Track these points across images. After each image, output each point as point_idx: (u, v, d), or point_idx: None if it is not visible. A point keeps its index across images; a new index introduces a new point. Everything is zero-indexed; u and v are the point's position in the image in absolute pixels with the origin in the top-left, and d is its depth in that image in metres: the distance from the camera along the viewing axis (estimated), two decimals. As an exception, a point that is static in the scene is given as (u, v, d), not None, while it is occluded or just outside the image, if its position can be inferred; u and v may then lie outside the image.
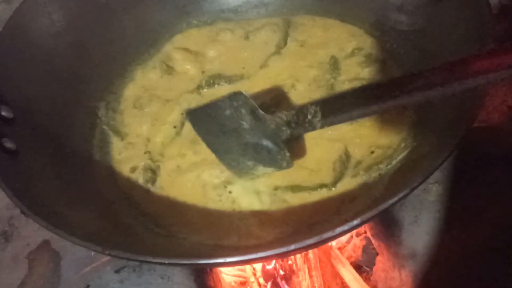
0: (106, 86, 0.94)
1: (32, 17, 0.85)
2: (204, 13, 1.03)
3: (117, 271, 0.76)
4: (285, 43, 0.95)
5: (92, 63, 0.92)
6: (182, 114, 0.87)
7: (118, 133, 0.88)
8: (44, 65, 0.85)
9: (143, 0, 0.99)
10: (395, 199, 0.53)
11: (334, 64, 0.89)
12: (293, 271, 0.87)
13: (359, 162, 0.75)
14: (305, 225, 0.70)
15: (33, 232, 0.98)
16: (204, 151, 0.79)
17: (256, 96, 0.85)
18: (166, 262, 0.52)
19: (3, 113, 0.72)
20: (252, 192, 0.75)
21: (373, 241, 0.88)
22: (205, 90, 0.91)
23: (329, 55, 0.90)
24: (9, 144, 0.69)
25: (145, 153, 0.83)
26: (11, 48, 0.80)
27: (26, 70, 0.81)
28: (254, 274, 0.92)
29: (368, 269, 0.93)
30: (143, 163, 0.81)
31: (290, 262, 0.88)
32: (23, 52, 0.82)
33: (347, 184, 0.73)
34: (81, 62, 0.91)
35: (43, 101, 0.82)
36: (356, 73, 0.86)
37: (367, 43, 0.91)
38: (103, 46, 0.94)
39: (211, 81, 0.91)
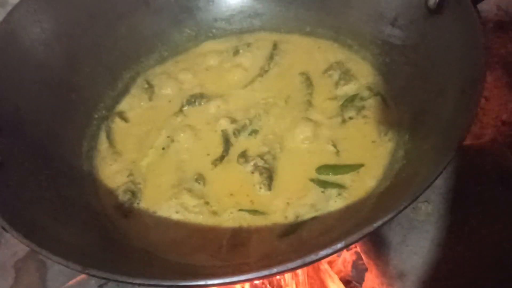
0: (98, 96, 0.93)
1: (22, 25, 0.84)
2: (197, 22, 1.02)
3: (100, 286, 0.75)
4: (269, 67, 0.95)
5: (83, 72, 0.91)
6: (168, 137, 0.87)
7: (107, 145, 0.88)
8: (34, 74, 0.84)
9: (137, 9, 0.98)
10: (380, 222, 0.52)
11: (307, 81, 0.90)
12: (281, 286, 0.86)
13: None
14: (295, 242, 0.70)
15: (20, 240, 0.97)
16: (187, 173, 0.81)
17: (236, 115, 0.87)
18: (147, 283, 0.51)
19: (-11, 124, 0.71)
20: (233, 209, 0.75)
21: (363, 256, 0.86)
22: (186, 108, 0.91)
23: (305, 76, 0.91)
24: (-7, 156, 0.68)
25: (128, 175, 0.82)
26: (0, 57, 0.79)
27: (15, 78, 0.80)
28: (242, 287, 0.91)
29: (357, 284, 0.92)
30: (124, 186, 0.81)
31: (278, 277, 0.87)
32: (12, 60, 0.81)
33: (333, 203, 0.73)
34: (72, 71, 0.89)
35: (32, 111, 0.81)
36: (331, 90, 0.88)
37: (354, 61, 0.91)
38: (95, 55, 0.93)
39: (192, 100, 0.91)
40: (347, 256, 0.94)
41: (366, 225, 0.52)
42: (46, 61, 0.86)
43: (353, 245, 0.93)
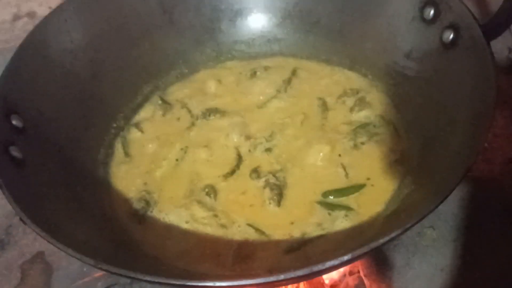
0: (117, 106, 0.96)
1: (53, 33, 0.87)
2: (218, 43, 1.06)
3: (107, 288, 0.76)
4: (286, 90, 0.98)
5: (106, 83, 0.94)
6: (182, 149, 0.89)
7: (123, 154, 0.91)
8: (59, 80, 0.87)
9: (162, 26, 1.01)
10: (387, 238, 0.54)
11: (323, 105, 0.93)
12: (283, 305, 0.87)
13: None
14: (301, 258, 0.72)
15: (29, 242, 0.99)
16: (198, 185, 0.83)
17: (251, 132, 0.90)
18: (156, 280, 0.53)
19: (14, 122, 0.74)
20: (241, 223, 0.77)
21: (365, 281, 0.87)
22: (199, 120, 0.94)
23: (322, 100, 0.94)
24: (16, 153, 0.71)
25: (143, 185, 0.85)
26: (30, 61, 0.82)
27: (41, 83, 0.83)
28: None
29: (358, 309, 0.92)
30: (139, 194, 0.83)
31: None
32: (40, 66, 0.84)
33: (340, 223, 0.74)
34: (95, 80, 0.93)
35: (55, 115, 0.83)
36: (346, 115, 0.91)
37: (368, 89, 0.94)
38: (118, 67, 0.96)
39: (208, 114, 0.95)
40: (350, 280, 0.95)
41: (373, 241, 0.54)
42: (71, 69, 0.89)
43: (357, 270, 0.94)
